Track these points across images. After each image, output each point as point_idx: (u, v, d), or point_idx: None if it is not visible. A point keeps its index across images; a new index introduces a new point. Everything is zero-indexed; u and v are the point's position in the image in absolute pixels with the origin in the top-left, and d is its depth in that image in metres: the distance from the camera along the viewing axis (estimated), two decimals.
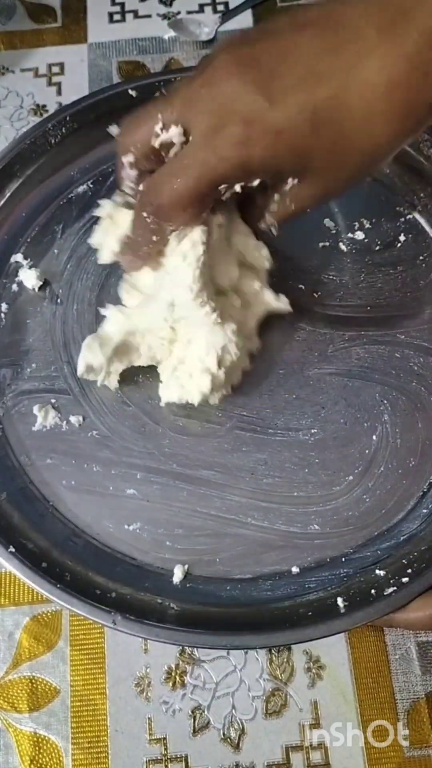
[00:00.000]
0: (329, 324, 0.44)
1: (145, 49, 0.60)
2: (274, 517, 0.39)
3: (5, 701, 0.40)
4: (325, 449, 0.41)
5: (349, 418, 0.41)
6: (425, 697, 0.40)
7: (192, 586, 0.38)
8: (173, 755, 0.39)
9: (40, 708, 0.40)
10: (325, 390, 0.42)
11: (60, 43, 0.60)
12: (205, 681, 0.40)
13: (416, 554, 0.38)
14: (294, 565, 0.38)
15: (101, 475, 0.40)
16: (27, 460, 0.41)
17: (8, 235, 0.47)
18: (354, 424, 0.41)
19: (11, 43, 0.60)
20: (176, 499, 0.39)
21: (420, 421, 0.41)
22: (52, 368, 0.43)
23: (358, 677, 0.40)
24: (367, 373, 0.43)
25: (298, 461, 0.40)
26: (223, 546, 0.38)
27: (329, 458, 0.40)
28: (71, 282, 0.45)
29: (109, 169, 0.49)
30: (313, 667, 0.40)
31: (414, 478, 0.40)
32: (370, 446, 0.41)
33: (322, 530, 0.39)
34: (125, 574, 0.38)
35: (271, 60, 0.31)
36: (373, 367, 0.43)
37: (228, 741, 0.39)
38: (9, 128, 0.56)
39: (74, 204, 0.48)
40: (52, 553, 0.38)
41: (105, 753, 0.39)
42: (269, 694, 0.40)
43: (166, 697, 0.40)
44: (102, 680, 0.40)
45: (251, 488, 0.40)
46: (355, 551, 0.38)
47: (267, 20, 0.35)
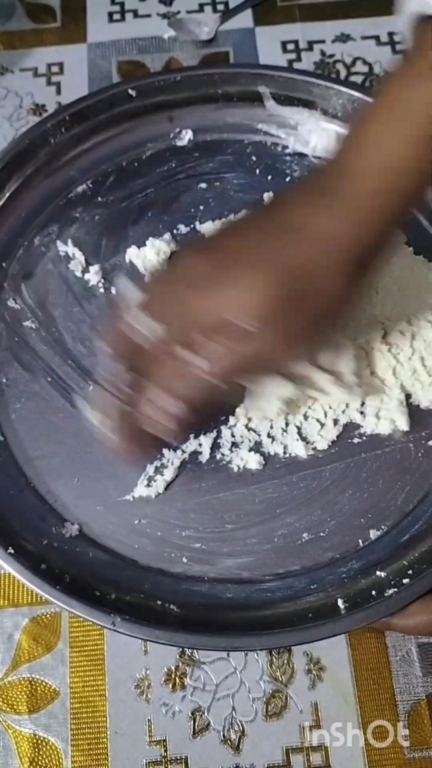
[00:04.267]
0: None
1: (145, 48, 0.59)
2: (275, 518, 0.39)
3: (5, 703, 0.39)
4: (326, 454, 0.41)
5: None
6: (426, 698, 0.39)
7: (192, 588, 0.37)
8: (173, 757, 0.38)
9: (39, 709, 0.39)
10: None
11: (59, 42, 0.60)
12: (205, 683, 0.40)
13: (416, 556, 0.38)
14: (294, 567, 0.38)
15: (102, 477, 0.40)
16: (27, 461, 0.40)
17: (8, 235, 0.47)
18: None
19: (10, 42, 0.60)
20: (178, 501, 0.39)
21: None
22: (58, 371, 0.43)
23: (358, 679, 0.40)
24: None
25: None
26: (224, 547, 0.38)
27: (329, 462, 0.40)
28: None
29: (109, 169, 0.49)
30: (314, 669, 0.40)
31: (415, 479, 0.40)
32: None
33: (322, 532, 0.39)
34: (125, 576, 0.37)
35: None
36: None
37: (228, 743, 0.39)
38: (8, 128, 0.56)
39: (74, 204, 0.48)
40: (52, 554, 0.38)
41: (104, 755, 0.38)
42: (269, 696, 0.40)
43: (166, 699, 0.40)
44: (101, 682, 0.40)
45: (252, 492, 0.40)
46: (356, 553, 0.38)
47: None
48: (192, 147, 0.50)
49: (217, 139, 0.50)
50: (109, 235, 0.47)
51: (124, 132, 0.50)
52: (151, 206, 0.48)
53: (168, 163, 0.50)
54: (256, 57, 0.58)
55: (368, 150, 0.32)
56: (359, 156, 0.32)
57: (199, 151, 0.50)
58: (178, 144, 0.50)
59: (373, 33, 0.60)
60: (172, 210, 0.48)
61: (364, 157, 0.32)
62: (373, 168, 0.32)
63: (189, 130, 0.50)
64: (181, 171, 0.49)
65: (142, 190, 0.48)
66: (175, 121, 0.50)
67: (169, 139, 0.50)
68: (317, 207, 0.32)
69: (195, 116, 0.50)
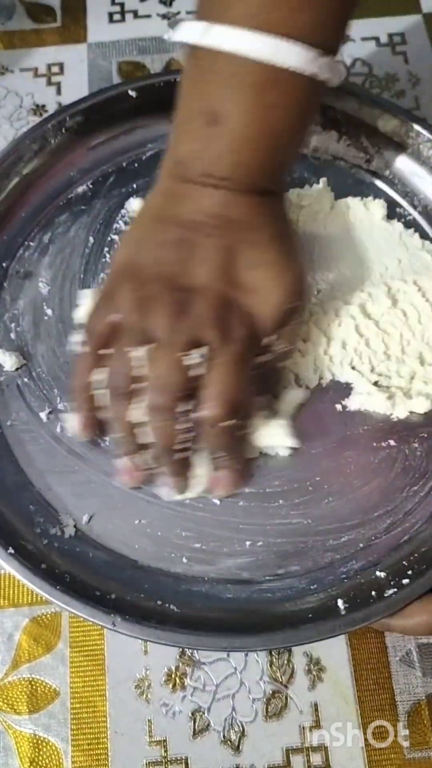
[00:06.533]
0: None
1: (145, 49, 0.59)
2: (274, 518, 0.39)
3: (5, 703, 0.39)
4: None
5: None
6: (426, 698, 0.39)
7: (192, 588, 0.37)
8: (173, 757, 0.38)
9: (39, 710, 0.39)
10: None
11: (59, 42, 0.60)
12: (205, 683, 0.40)
13: (416, 556, 0.38)
14: (294, 567, 0.38)
15: (103, 476, 0.40)
16: (27, 461, 0.40)
17: (8, 236, 0.47)
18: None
19: (11, 42, 0.60)
20: (179, 502, 0.39)
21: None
22: (58, 374, 0.43)
23: (358, 679, 0.40)
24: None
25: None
26: (224, 548, 0.38)
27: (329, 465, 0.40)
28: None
29: (109, 170, 0.49)
30: (314, 669, 0.40)
31: (415, 478, 0.40)
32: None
33: (322, 533, 0.39)
34: (125, 576, 0.37)
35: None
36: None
37: (228, 743, 0.39)
38: (8, 128, 0.56)
39: (74, 204, 0.48)
40: (52, 554, 0.38)
41: (105, 755, 0.39)
42: (269, 696, 0.40)
43: (166, 699, 0.40)
44: (102, 682, 0.40)
45: (252, 492, 0.40)
46: (355, 553, 0.38)
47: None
48: None
49: None
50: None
51: (125, 132, 0.50)
52: None
53: None
54: None
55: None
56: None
57: None
58: None
59: (372, 34, 0.60)
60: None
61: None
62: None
63: None
64: None
65: (142, 191, 0.48)
66: None
67: None
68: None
69: None
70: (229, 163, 0.35)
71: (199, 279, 0.35)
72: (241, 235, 0.36)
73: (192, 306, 0.35)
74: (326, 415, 0.41)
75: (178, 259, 0.36)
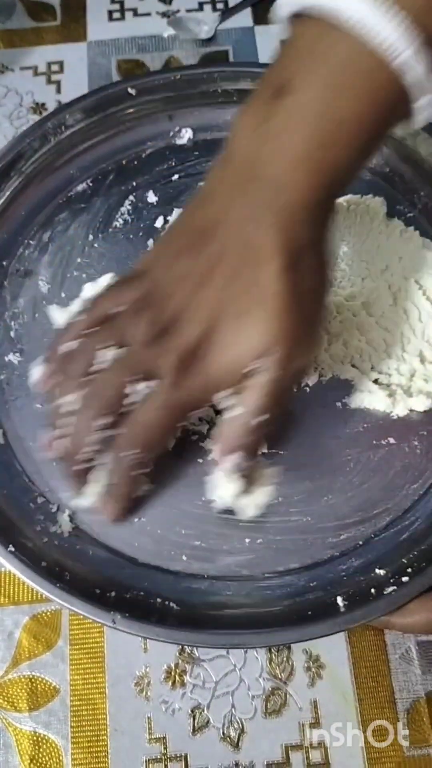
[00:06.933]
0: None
1: (145, 47, 0.59)
2: (274, 516, 0.39)
3: (5, 700, 0.40)
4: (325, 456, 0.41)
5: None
6: (425, 696, 0.40)
7: (192, 586, 0.37)
8: (173, 754, 0.39)
9: (39, 707, 0.39)
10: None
11: (59, 41, 0.60)
12: (204, 680, 0.40)
13: (416, 553, 0.38)
14: (294, 565, 0.38)
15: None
16: (27, 458, 0.41)
17: (8, 234, 0.47)
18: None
19: (10, 41, 0.60)
20: (180, 498, 0.39)
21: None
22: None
23: (358, 676, 0.40)
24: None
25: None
26: (224, 545, 0.38)
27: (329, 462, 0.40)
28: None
29: (109, 168, 0.49)
30: (313, 666, 0.40)
31: (414, 477, 0.40)
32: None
33: (322, 530, 0.39)
34: (125, 574, 0.38)
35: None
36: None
37: (228, 740, 0.39)
38: (8, 127, 0.56)
39: (73, 202, 0.48)
40: (52, 552, 0.38)
41: (105, 752, 0.39)
42: (269, 693, 0.40)
43: (166, 697, 0.40)
44: (101, 679, 0.40)
45: None
46: (355, 550, 0.38)
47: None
48: (192, 146, 0.50)
49: (217, 137, 0.50)
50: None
51: (124, 131, 0.50)
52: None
53: (168, 161, 0.50)
54: (256, 56, 0.59)
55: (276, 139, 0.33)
56: (265, 144, 0.33)
57: (199, 149, 0.50)
58: (177, 143, 0.50)
59: None
60: (171, 209, 0.48)
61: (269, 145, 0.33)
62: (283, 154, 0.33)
63: (189, 129, 0.50)
64: (181, 169, 0.49)
65: (141, 189, 0.48)
66: (175, 119, 0.50)
67: (169, 138, 0.50)
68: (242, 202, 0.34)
69: (195, 115, 0.51)
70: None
71: (193, 312, 0.33)
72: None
73: (171, 337, 0.33)
74: (326, 413, 0.41)
75: (191, 273, 0.34)
